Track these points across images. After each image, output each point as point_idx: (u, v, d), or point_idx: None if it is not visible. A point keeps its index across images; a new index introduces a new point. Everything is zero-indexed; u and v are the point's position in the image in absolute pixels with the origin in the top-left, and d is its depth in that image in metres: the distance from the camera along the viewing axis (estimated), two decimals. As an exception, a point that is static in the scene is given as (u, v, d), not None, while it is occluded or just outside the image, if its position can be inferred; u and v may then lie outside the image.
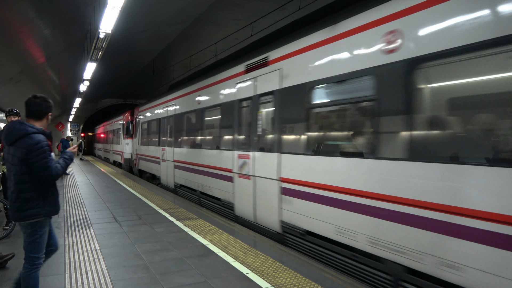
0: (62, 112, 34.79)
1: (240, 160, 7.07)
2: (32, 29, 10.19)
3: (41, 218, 3.05)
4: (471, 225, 3.07)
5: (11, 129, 2.96)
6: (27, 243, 3.05)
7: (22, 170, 2.93)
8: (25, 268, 3.05)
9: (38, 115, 3.13)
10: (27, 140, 2.89)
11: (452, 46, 3.28)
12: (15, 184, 2.97)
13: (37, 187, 3.01)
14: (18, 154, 2.90)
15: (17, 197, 2.97)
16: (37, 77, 16.33)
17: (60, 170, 3.06)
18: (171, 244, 5.48)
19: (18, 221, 3.04)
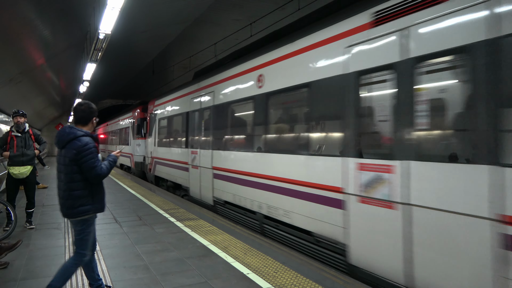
0: (62, 113, 34.80)
1: (368, 174, 4.16)
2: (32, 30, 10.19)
3: (90, 214, 3.30)
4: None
5: (62, 133, 3.27)
6: (77, 239, 3.33)
7: (72, 170, 3.19)
8: (71, 260, 3.32)
9: (84, 121, 3.42)
10: (77, 142, 3.18)
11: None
12: (67, 183, 3.22)
13: (86, 186, 3.26)
14: (69, 155, 3.18)
15: (69, 195, 3.21)
16: (37, 78, 16.33)
17: (105, 170, 3.31)
18: (171, 244, 5.48)
19: (70, 218, 3.29)
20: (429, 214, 3.42)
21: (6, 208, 5.97)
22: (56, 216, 7.46)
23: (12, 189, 6.35)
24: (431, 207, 3.40)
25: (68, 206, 3.23)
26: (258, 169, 6.43)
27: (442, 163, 3.36)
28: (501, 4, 2.99)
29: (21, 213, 6.70)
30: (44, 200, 9.40)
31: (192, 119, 9.64)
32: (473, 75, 3.17)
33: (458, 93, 3.42)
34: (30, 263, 4.65)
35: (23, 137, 6.32)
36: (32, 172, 6.41)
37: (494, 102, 3.01)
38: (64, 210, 3.28)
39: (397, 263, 3.74)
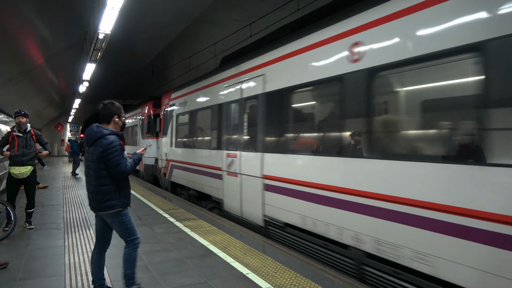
0: (62, 113, 34.78)
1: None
2: (31, 30, 10.19)
3: (118, 208, 3.43)
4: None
5: (90, 132, 3.43)
6: (120, 231, 3.52)
7: (100, 167, 3.35)
8: (127, 248, 3.53)
9: (106, 119, 3.55)
10: (103, 140, 3.33)
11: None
12: (95, 179, 3.38)
13: (113, 181, 3.41)
14: (96, 153, 3.33)
15: (97, 190, 3.38)
16: (37, 78, 16.33)
17: (129, 167, 3.43)
18: (171, 244, 5.48)
19: (100, 212, 3.46)
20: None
21: (6, 208, 5.97)
22: (55, 216, 7.45)
23: (12, 189, 6.34)
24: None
25: (97, 201, 3.40)
26: (357, 184, 4.29)
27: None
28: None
29: (21, 213, 6.69)
30: (43, 200, 9.40)
31: (227, 112, 7.54)
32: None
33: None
34: (30, 263, 4.64)
35: (24, 137, 6.32)
36: (32, 172, 6.40)
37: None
38: (93, 204, 3.46)
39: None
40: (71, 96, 24.24)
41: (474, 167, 3.10)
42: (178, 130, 10.86)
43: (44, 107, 25.85)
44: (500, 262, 2.89)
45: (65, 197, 10.03)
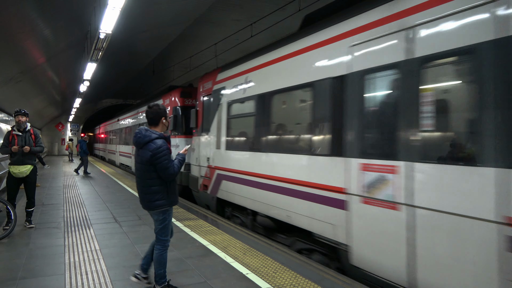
0: (62, 112, 34.79)
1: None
2: (32, 29, 10.20)
3: (166, 207, 3.64)
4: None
5: (140, 136, 3.60)
6: (158, 229, 3.69)
7: (149, 169, 3.53)
8: (157, 249, 3.67)
9: (153, 122, 3.72)
10: (152, 144, 3.51)
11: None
12: (145, 179, 3.58)
13: (162, 182, 3.60)
14: (146, 156, 3.51)
15: (147, 190, 3.59)
16: (37, 77, 16.34)
17: (176, 169, 3.61)
18: (171, 244, 5.46)
19: (149, 210, 3.67)
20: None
21: (6, 207, 5.98)
22: (55, 215, 7.46)
23: (12, 188, 6.35)
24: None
25: (147, 200, 3.61)
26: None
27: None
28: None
29: (21, 212, 6.70)
30: (44, 199, 9.41)
31: (362, 88, 4.33)
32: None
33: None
34: (30, 262, 4.65)
35: (24, 136, 6.33)
36: (32, 171, 6.41)
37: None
38: (143, 203, 3.67)
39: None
40: (72, 96, 24.23)
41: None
42: (233, 125, 7.54)
43: (44, 106, 25.86)
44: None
45: (65, 196, 10.03)
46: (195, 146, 9.47)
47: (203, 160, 8.75)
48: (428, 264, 3.41)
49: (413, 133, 3.62)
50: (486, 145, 3.00)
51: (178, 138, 11.34)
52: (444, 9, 3.40)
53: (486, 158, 2.99)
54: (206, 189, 8.50)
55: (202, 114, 9.08)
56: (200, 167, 8.97)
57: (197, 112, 9.45)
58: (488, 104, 3.01)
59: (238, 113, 7.41)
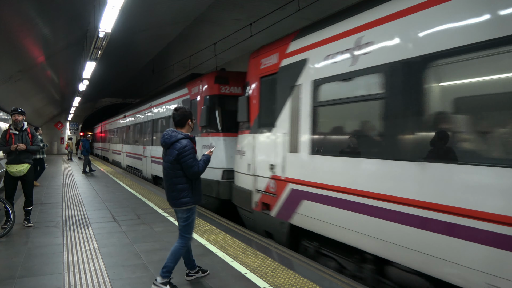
0: (61, 111, 34.75)
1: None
2: (31, 28, 10.18)
3: (191, 205, 3.81)
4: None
5: (167, 136, 3.80)
6: (182, 226, 3.87)
7: (176, 168, 3.73)
8: (178, 243, 3.83)
9: (180, 124, 3.91)
10: (178, 144, 3.72)
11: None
12: (171, 178, 3.77)
13: (188, 180, 3.78)
14: (172, 155, 3.71)
15: (173, 188, 3.77)
16: (37, 76, 16.32)
17: (201, 168, 3.80)
18: (170, 243, 5.47)
19: (175, 208, 3.83)
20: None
21: (5, 206, 5.97)
22: (54, 214, 7.46)
23: (10, 187, 6.34)
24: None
25: (173, 197, 3.79)
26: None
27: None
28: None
29: (20, 211, 6.70)
30: (42, 198, 9.39)
31: None
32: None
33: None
34: (28, 261, 4.64)
35: (21, 135, 6.31)
36: (30, 170, 6.39)
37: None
38: (170, 200, 3.85)
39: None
40: (71, 95, 24.20)
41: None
42: (326, 116, 5.12)
43: (44, 105, 25.83)
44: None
45: (64, 195, 10.02)
46: (244, 148, 6.92)
47: (262, 167, 6.20)
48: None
49: None
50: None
51: (213, 137, 8.73)
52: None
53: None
54: (267, 210, 6.07)
55: (259, 103, 6.46)
56: (256, 177, 6.41)
57: (248, 101, 6.82)
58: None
59: (338, 98, 4.85)
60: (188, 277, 4.09)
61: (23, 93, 17.61)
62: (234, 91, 8.89)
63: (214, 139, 8.67)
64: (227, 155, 8.27)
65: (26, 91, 17.71)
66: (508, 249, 2.81)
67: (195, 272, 4.11)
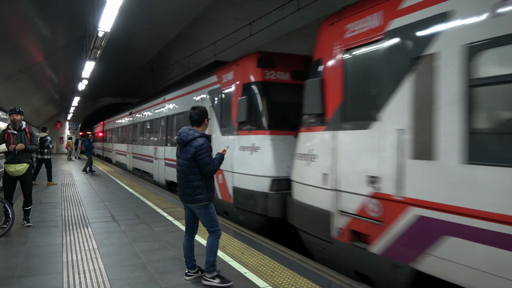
0: (61, 111, 34.73)
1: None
2: (30, 27, 10.17)
3: (205, 202, 3.89)
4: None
5: (184, 134, 3.89)
6: (205, 222, 3.96)
7: (192, 165, 3.83)
8: (211, 237, 3.95)
9: (197, 123, 4.00)
10: (195, 142, 3.81)
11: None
12: (187, 175, 3.86)
13: (202, 178, 3.89)
14: (189, 153, 3.81)
15: (188, 185, 3.87)
16: (36, 75, 16.30)
17: (216, 166, 3.90)
18: (169, 243, 5.47)
19: (190, 204, 3.93)
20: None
21: (4, 206, 5.96)
22: (53, 214, 7.45)
23: (8, 186, 6.33)
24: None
25: (188, 194, 3.89)
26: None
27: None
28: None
29: (19, 210, 6.69)
30: (42, 198, 9.38)
31: None
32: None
33: None
34: (27, 260, 4.64)
35: (19, 134, 6.30)
36: (28, 169, 6.38)
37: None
38: (184, 197, 3.95)
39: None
40: (70, 94, 24.16)
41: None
42: (494, 102, 3.27)
43: (43, 104, 25.81)
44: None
45: (64, 195, 10.01)
46: (315, 151, 5.13)
47: (353, 180, 4.47)
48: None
49: None
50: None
51: (256, 136, 6.82)
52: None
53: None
54: (360, 242, 4.35)
55: (343, 87, 4.72)
56: (340, 193, 4.64)
57: (321, 86, 5.06)
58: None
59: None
60: (188, 276, 4.10)
61: (22, 93, 17.59)
62: (282, 78, 7.05)
63: (258, 139, 6.75)
64: (277, 160, 6.40)
65: (25, 90, 17.70)
66: None
67: (194, 272, 4.12)
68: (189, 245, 4.12)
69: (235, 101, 7.43)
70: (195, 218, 4.13)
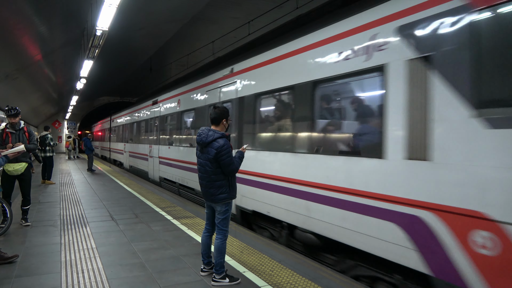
0: (59, 110, 34.65)
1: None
2: (28, 26, 10.13)
3: (229, 200, 4.01)
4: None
5: (205, 135, 3.94)
6: (220, 219, 4.04)
7: (214, 165, 3.91)
8: (219, 239, 4.02)
9: (216, 121, 4.06)
10: (216, 143, 3.87)
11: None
12: (210, 175, 3.94)
13: (225, 177, 3.98)
14: (211, 154, 3.87)
15: (212, 185, 3.96)
16: (34, 74, 16.26)
17: (238, 165, 4.00)
18: (167, 242, 5.47)
19: (214, 203, 4.00)
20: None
21: (2, 205, 5.94)
22: (52, 213, 7.43)
23: (7, 186, 6.31)
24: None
25: (211, 194, 3.98)
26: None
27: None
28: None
29: (17, 210, 6.67)
30: (40, 197, 9.36)
31: None
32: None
33: None
34: (26, 260, 4.62)
35: (17, 134, 6.28)
36: (27, 169, 6.37)
37: None
38: (208, 196, 4.03)
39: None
40: (69, 93, 24.11)
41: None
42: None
43: (41, 103, 25.74)
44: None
45: (62, 194, 9.99)
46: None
47: None
48: None
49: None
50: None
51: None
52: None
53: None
54: None
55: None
56: None
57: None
58: None
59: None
60: (203, 272, 4.19)
61: (20, 92, 17.54)
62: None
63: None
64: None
65: (23, 89, 17.65)
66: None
67: (209, 268, 4.19)
68: (208, 241, 4.20)
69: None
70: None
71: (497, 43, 3.08)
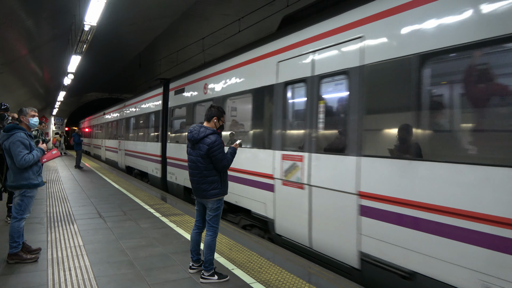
0: (46, 106, 34.14)
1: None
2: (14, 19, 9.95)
3: (220, 196, 4.00)
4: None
5: (197, 131, 3.98)
6: (211, 216, 4.02)
7: (206, 161, 3.92)
8: (209, 236, 4.01)
9: (207, 118, 4.13)
10: (207, 139, 3.90)
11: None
12: (202, 171, 3.95)
13: (217, 173, 3.99)
14: (203, 150, 3.89)
15: (204, 181, 3.96)
16: (20, 69, 15.99)
17: (229, 161, 4.03)
18: (156, 240, 5.44)
19: (205, 199, 3.98)
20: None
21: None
22: (38, 210, 7.33)
23: None
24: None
25: (202, 190, 3.97)
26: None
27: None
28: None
29: (2, 207, 6.56)
30: (26, 194, 9.21)
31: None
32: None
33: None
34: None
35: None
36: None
37: None
38: (199, 192, 4.00)
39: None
40: (56, 89, 23.75)
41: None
42: None
43: (27, 99, 25.33)
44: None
45: (49, 191, 9.86)
46: None
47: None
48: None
49: None
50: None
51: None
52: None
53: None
54: None
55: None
56: None
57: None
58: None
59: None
60: (192, 270, 4.19)
61: (6, 87, 17.24)
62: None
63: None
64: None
65: (9, 84, 17.35)
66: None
67: (198, 266, 4.18)
68: (197, 238, 4.19)
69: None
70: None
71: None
